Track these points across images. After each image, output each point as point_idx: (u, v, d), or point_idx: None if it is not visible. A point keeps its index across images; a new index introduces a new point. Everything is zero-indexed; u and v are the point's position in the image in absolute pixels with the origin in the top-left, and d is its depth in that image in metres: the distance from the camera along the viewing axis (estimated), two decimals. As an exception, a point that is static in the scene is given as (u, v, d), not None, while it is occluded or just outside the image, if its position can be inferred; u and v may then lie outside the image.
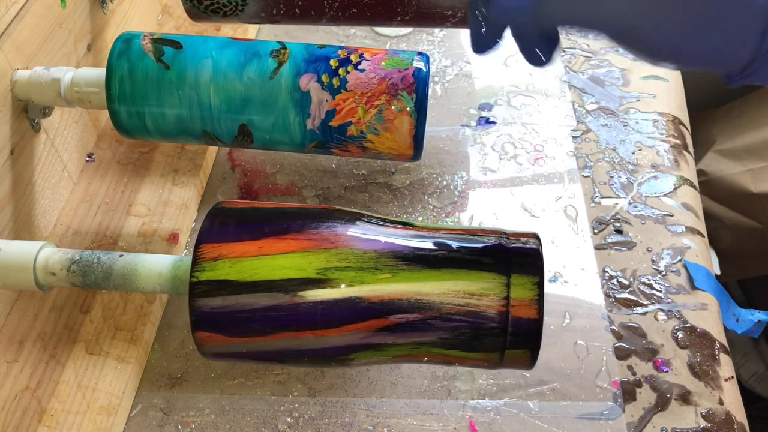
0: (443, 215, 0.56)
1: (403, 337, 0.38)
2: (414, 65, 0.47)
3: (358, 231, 0.40)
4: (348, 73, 0.47)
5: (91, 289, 0.42)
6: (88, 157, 0.59)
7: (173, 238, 0.53)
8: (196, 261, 0.39)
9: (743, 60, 0.33)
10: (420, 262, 0.38)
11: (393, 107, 0.46)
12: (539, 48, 0.38)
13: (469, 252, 0.39)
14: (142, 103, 0.47)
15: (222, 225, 0.40)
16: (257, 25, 0.71)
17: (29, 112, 0.48)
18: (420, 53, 0.49)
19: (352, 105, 0.46)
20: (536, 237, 0.40)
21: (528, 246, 0.39)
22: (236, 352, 0.40)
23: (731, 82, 0.34)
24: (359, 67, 0.47)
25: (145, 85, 0.46)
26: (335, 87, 0.46)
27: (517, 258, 0.38)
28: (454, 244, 0.39)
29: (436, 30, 0.71)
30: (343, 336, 0.38)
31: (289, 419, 0.46)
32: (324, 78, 0.46)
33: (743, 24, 0.32)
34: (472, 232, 0.40)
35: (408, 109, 0.46)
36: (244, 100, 0.46)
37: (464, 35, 0.71)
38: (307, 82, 0.46)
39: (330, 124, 0.47)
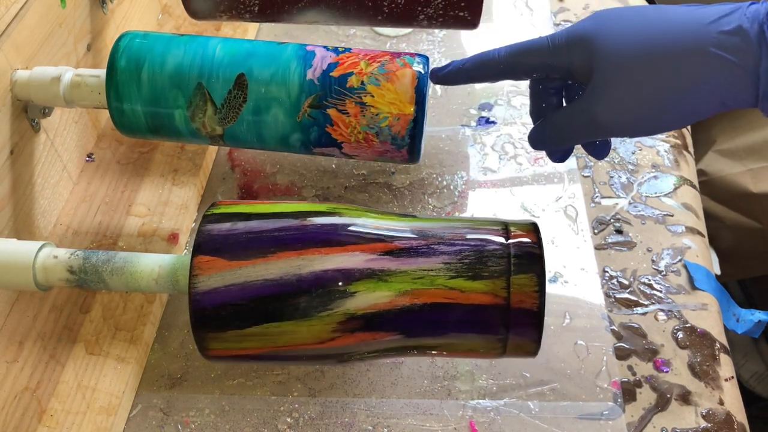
0: (443, 215, 0.56)
1: (406, 263, 0.38)
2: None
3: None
4: (352, 48, 0.49)
5: (90, 288, 0.42)
6: (88, 157, 0.59)
7: (173, 238, 0.53)
8: (214, 205, 0.42)
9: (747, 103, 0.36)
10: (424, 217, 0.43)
11: (396, 62, 0.48)
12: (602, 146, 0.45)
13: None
14: (146, 52, 0.47)
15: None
16: (257, 25, 0.71)
17: (29, 112, 0.48)
18: (419, 55, 0.49)
19: (355, 60, 0.48)
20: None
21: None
22: (230, 286, 0.38)
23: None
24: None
25: (156, 42, 0.48)
26: (340, 50, 0.48)
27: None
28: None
29: (436, 30, 0.71)
30: (346, 256, 0.38)
31: (289, 419, 0.46)
32: (329, 47, 0.49)
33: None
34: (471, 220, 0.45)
35: (411, 64, 0.48)
36: (249, 53, 0.48)
37: (464, 35, 0.71)
38: (314, 47, 0.48)
39: (331, 74, 0.47)
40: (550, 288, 0.51)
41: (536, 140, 0.44)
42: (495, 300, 0.38)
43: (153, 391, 0.47)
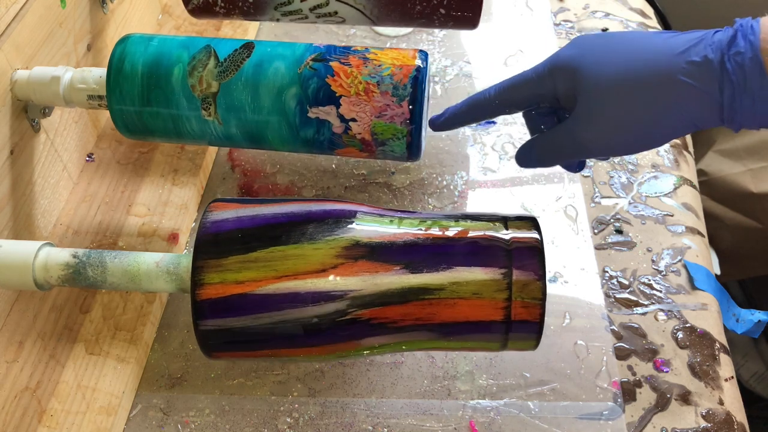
0: (443, 215, 0.56)
1: (412, 215, 0.42)
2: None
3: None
4: None
5: (90, 287, 0.42)
6: (88, 157, 0.59)
7: (173, 238, 0.53)
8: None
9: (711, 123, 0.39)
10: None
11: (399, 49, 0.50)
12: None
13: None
14: (156, 35, 0.49)
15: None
16: (257, 25, 0.71)
17: (29, 112, 0.48)
18: (420, 51, 0.49)
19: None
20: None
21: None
22: (241, 217, 0.40)
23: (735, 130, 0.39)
24: None
25: (164, 37, 0.50)
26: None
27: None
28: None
29: (436, 30, 0.71)
30: (352, 206, 0.42)
31: (289, 419, 0.46)
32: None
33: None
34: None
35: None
36: (256, 41, 0.50)
37: (464, 35, 0.71)
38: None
39: (336, 46, 0.49)
40: (550, 288, 0.51)
41: (523, 160, 0.47)
42: (495, 229, 0.40)
43: (153, 391, 0.47)
